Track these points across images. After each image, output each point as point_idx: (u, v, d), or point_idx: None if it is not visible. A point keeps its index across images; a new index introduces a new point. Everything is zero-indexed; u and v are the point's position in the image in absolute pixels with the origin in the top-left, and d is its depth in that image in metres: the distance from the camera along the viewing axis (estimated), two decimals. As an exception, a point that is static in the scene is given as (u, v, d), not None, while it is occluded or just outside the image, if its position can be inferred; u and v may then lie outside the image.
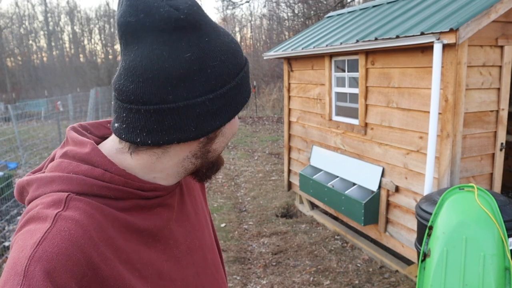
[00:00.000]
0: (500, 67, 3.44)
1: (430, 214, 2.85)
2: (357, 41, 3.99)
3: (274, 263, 4.37)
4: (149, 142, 0.72)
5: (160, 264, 0.78)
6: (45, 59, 38.68)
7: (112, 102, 0.77)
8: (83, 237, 0.65)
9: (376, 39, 3.73)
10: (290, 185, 6.20)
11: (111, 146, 0.79)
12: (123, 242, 0.72)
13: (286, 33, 21.81)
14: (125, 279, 0.69)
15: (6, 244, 4.85)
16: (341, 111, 4.84)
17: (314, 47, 4.81)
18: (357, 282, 3.92)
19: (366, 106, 4.26)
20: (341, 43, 4.26)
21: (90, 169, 0.73)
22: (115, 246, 0.70)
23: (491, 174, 3.62)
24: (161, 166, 0.78)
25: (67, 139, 0.80)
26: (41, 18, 39.81)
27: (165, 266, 0.79)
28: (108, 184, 0.73)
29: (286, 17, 21.86)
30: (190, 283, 0.84)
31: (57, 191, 0.70)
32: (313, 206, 5.74)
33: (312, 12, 16.47)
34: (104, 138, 0.85)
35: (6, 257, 4.50)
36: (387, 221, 4.15)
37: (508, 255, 2.57)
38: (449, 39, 3.08)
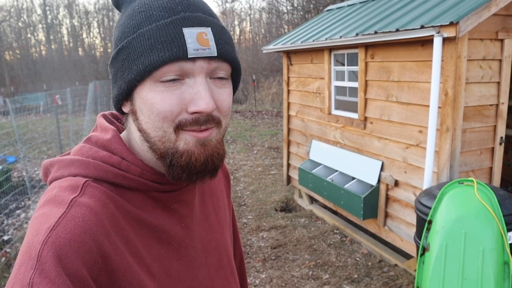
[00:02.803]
0: (500, 60, 3.42)
1: (430, 208, 2.84)
2: (357, 34, 3.97)
3: (273, 257, 4.38)
4: (112, 102, 0.77)
5: (170, 262, 0.77)
6: (43, 52, 38.55)
7: None
8: (96, 225, 0.65)
9: (375, 32, 3.71)
10: (289, 179, 6.20)
11: (130, 134, 0.80)
12: (133, 235, 0.72)
13: (286, 26, 21.73)
14: (134, 271, 0.69)
15: (5, 238, 4.85)
16: (340, 105, 4.82)
17: (313, 40, 4.78)
18: (356, 276, 3.93)
19: (366, 100, 4.25)
20: (340, 37, 4.24)
21: (108, 156, 0.74)
22: (126, 238, 0.70)
23: (491, 168, 3.62)
24: (137, 141, 0.77)
25: (96, 125, 0.83)
26: (39, 11, 39.61)
27: (175, 265, 0.78)
28: (124, 172, 0.73)
29: (285, 11, 21.78)
30: (200, 285, 0.83)
31: (74, 174, 0.72)
32: (312, 200, 5.74)
33: (311, 5, 16.40)
34: None
35: (5, 251, 4.50)
36: (386, 215, 4.15)
37: (507, 249, 2.57)
38: (449, 33, 3.06)
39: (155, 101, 0.69)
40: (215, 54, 0.70)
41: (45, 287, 0.57)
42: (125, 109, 0.77)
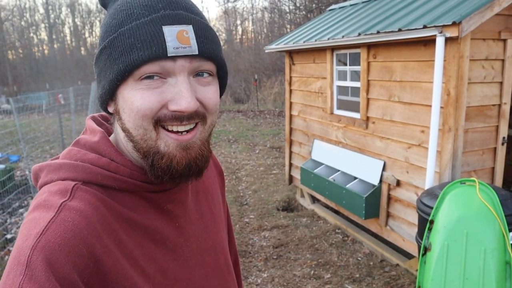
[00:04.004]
0: (503, 60, 3.42)
1: (431, 208, 2.84)
2: (359, 34, 3.97)
3: (275, 257, 4.38)
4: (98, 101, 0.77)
5: (165, 262, 0.76)
6: (46, 52, 38.63)
7: None
8: (87, 229, 0.65)
9: (378, 32, 3.71)
10: (291, 178, 6.20)
11: (117, 135, 0.79)
12: (126, 236, 0.71)
13: (288, 26, 21.71)
14: (127, 273, 0.68)
15: (8, 236, 4.87)
16: (342, 105, 4.82)
17: (315, 40, 4.78)
18: (357, 275, 3.93)
19: (368, 100, 4.25)
20: (343, 36, 4.24)
21: (97, 158, 0.73)
22: (119, 240, 0.69)
23: (493, 168, 3.61)
24: (123, 142, 0.77)
25: (85, 128, 0.82)
26: (42, 10, 39.74)
27: (171, 265, 0.77)
28: (113, 174, 0.72)
29: (287, 10, 21.77)
30: (197, 284, 0.82)
31: (63, 178, 0.71)
32: (314, 200, 5.74)
33: (314, 5, 16.38)
34: None
35: (8, 250, 4.52)
36: (388, 215, 4.15)
37: (509, 249, 2.57)
38: (451, 33, 3.06)
39: (135, 100, 0.68)
40: (196, 52, 0.68)
41: None
42: (110, 109, 0.76)
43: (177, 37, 0.67)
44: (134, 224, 0.73)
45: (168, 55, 0.66)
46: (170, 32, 0.67)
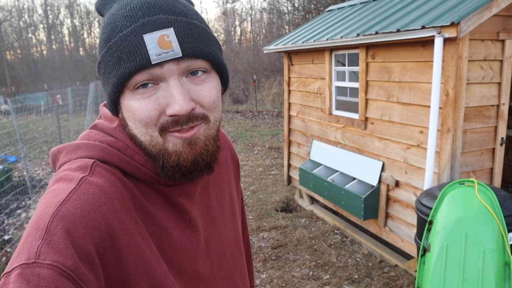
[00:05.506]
0: (501, 61, 3.42)
1: (430, 209, 2.84)
2: (358, 35, 3.96)
3: (273, 257, 4.38)
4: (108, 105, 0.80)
5: (171, 252, 0.78)
6: (44, 52, 38.60)
7: None
8: (106, 204, 0.67)
9: (376, 33, 3.71)
10: (290, 179, 6.20)
11: None
12: (139, 220, 0.73)
13: (286, 27, 21.71)
14: (141, 252, 0.70)
15: (6, 237, 4.85)
16: (341, 105, 4.82)
17: (314, 41, 4.78)
18: (356, 276, 3.93)
19: (367, 100, 4.25)
20: (341, 37, 4.24)
21: (115, 141, 0.76)
22: (135, 219, 0.71)
23: (492, 169, 3.61)
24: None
25: (100, 115, 0.85)
26: (40, 11, 39.69)
27: (177, 256, 0.78)
28: (129, 159, 0.75)
29: (286, 11, 21.77)
30: (202, 277, 0.83)
31: (81, 157, 0.74)
32: (313, 200, 5.74)
33: (312, 6, 16.39)
34: None
35: (6, 251, 4.50)
36: (387, 215, 4.15)
37: (508, 250, 2.56)
38: (450, 33, 3.06)
39: (135, 109, 0.71)
40: (180, 55, 0.68)
41: (53, 257, 0.57)
42: (120, 115, 0.79)
43: (158, 43, 0.68)
44: (145, 210, 0.75)
45: (152, 62, 0.67)
46: (151, 40, 0.67)
